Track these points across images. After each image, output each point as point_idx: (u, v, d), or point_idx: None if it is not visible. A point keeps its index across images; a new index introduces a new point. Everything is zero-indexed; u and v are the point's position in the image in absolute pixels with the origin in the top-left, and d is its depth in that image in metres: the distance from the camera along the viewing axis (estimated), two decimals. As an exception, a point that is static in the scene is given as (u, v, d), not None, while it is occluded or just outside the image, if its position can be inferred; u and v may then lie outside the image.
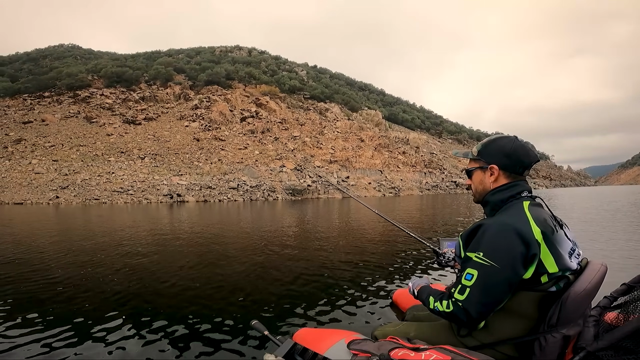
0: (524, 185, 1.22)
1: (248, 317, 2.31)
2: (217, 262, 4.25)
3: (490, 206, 1.26)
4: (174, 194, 26.71)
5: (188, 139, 39.92)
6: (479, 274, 1.06)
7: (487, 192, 1.27)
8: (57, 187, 27.12)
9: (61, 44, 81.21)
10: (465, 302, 1.07)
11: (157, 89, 53.87)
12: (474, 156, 1.32)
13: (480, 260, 1.06)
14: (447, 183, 51.78)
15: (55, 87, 51.25)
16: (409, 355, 1.08)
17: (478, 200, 1.34)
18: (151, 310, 2.51)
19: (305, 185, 34.30)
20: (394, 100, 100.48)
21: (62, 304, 2.71)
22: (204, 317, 2.35)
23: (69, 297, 2.89)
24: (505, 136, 1.27)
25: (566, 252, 1.09)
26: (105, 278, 3.45)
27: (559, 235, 1.10)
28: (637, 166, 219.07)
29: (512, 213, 1.13)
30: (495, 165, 1.24)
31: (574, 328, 1.04)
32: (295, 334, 1.64)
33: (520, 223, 1.06)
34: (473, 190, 1.37)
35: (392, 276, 3.35)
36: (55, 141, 36.07)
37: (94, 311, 2.51)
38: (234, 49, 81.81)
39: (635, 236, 5.78)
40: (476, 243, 1.11)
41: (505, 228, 1.06)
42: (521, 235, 1.03)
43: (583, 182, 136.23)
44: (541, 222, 1.08)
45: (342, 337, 1.43)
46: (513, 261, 1.02)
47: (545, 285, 1.05)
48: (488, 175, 1.26)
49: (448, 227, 8.14)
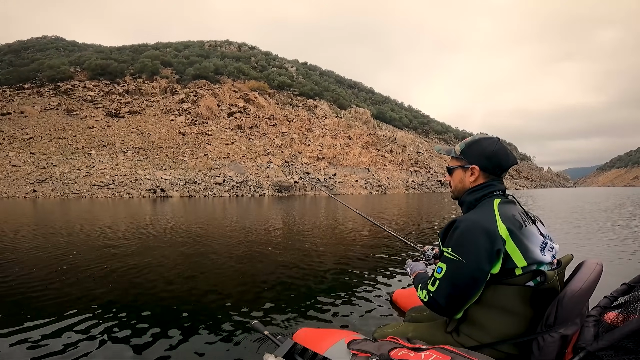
0: (498, 185, 1.27)
1: (248, 317, 2.31)
2: (213, 259, 4.15)
3: (465, 205, 1.31)
4: (157, 189, 26.29)
5: (173, 133, 39.26)
6: (447, 268, 1.13)
7: (465, 191, 1.31)
8: (35, 181, 26.29)
9: (44, 36, 78.58)
10: (435, 293, 1.15)
11: (143, 82, 52.70)
12: (457, 154, 1.34)
13: (449, 255, 1.13)
14: (432, 182, 52.63)
15: (36, 79, 49.59)
16: (408, 355, 1.09)
17: (456, 197, 1.38)
18: (147, 309, 2.48)
19: (293, 182, 34.28)
20: (383, 99, 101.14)
21: (38, 304, 2.58)
22: (203, 316, 2.34)
23: (46, 296, 2.74)
24: (488, 137, 1.30)
25: (537, 246, 1.13)
26: (97, 279, 3.25)
27: (527, 230, 1.15)
28: (614, 169, 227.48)
29: (481, 211, 1.18)
30: (476, 166, 1.27)
31: (572, 327, 1.05)
32: (295, 334, 1.65)
33: (487, 221, 1.11)
34: (452, 188, 1.39)
35: (391, 276, 3.35)
36: (34, 133, 34.92)
37: (85, 312, 2.41)
38: (223, 44, 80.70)
39: (610, 234, 6.06)
40: (449, 239, 1.17)
41: (472, 225, 1.11)
42: (487, 231, 1.08)
43: (562, 183, 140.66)
44: (508, 218, 1.13)
45: (342, 337, 1.43)
46: (477, 257, 1.07)
47: (519, 279, 1.09)
48: (468, 175, 1.29)
49: (437, 225, 8.32)
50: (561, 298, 1.05)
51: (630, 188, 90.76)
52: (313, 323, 2.23)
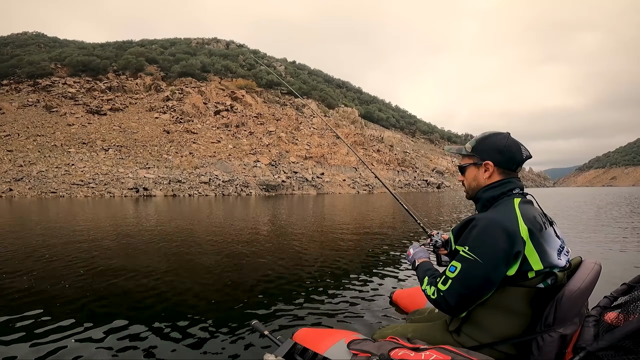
0: (516, 182, 1.22)
1: (248, 316, 2.30)
2: (211, 258, 4.10)
3: (481, 203, 1.26)
4: (140, 188, 25.75)
5: (157, 131, 38.51)
6: (462, 267, 1.09)
7: (480, 189, 1.26)
8: (11, 179, 25.36)
9: (25, 32, 75.78)
10: (446, 292, 1.11)
11: (126, 79, 51.52)
12: (468, 152, 1.29)
13: (465, 254, 1.09)
14: (418, 182, 53.38)
15: (15, 75, 47.86)
16: (408, 355, 1.08)
17: (471, 196, 1.32)
18: (146, 310, 2.46)
19: (280, 181, 34.15)
20: (371, 98, 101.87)
21: (20, 309, 2.49)
22: (203, 316, 2.33)
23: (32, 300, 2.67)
24: (499, 132, 1.27)
25: (554, 250, 1.10)
26: (90, 282, 3.15)
27: (547, 233, 1.11)
28: (593, 169, 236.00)
29: (501, 210, 1.13)
30: (490, 161, 1.22)
31: (571, 327, 1.05)
32: (295, 334, 1.64)
33: (509, 220, 1.07)
34: (466, 187, 1.33)
35: (391, 276, 3.34)
36: (11, 130, 33.66)
37: (86, 317, 2.35)
38: (211, 41, 79.68)
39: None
40: (465, 237, 1.13)
41: (492, 224, 1.07)
42: (507, 232, 1.04)
43: (542, 183, 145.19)
44: (530, 219, 1.09)
45: (342, 337, 1.43)
46: (495, 258, 1.03)
47: (532, 281, 1.07)
48: (482, 172, 1.24)
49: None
50: (559, 298, 1.04)
51: (607, 188, 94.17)
52: (313, 323, 2.22)
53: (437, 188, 53.20)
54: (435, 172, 63.54)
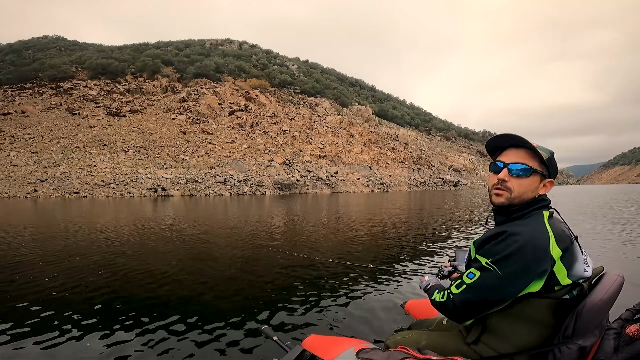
0: (545, 196, 1.20)
1: (257, 321, 2.34)
2: (221, 262, 4.21)
3: (509, 213, 1.15)
4: (158, 188, 26.22)
5: (174, 132, 39.18)
6: (480, 276, 1.07)
7: (526, 202, 1.14)
8: (36, 180, 26.29)
9: (45, 36, 78.71)
10: (457, 296, 1.11)
11: (144, 81, 52.67)
12: (545, 159, 1.14)
13: (487, 265, 1.06)
14: (435, 180, 52.34)
15: (37, 78, 49.68)
16: None
17: (509, 204, 1.15)
18: (157, 313, 2.51)
19: (294, 180, 34.12)
20: (385, 96, 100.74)
21: (48, 304, 2.67)
22: (212, 320, 2.36)
23: (54, 296, 2.84)
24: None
25: (581, 264, 1.09)
26: (105, 281, 3.35)
27: (574, 248, 1.10)
28: (618, 166, 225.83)
29: (532, 225, 1.08)
30: (554, 180, 1.18)
31: (590, 339, 1.03)
32: (305, 341, 1.63)
33: (540, 238, 1.04)
34: (511, 191, 1.14)
35: (404, 284, 3.28)
36: (35, 133, 34.93)
37: (98, 315, 2.48)
38: (224, 42, 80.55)
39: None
40: (490, 248, 1.08)
41: (524, 241, 1.02)
42: (538, 251, 1.01)
43: (566, 180, 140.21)
44: (560, 236, 1.06)
45: (352, 346, 1.42)
46: (517, 276, 1.02)
47: (558, 293, 1.06)
48: (541, 186, 1.16)
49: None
50: (580, 309, 1.02)
51: (635, 186, 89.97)
52: (323, 330, 2.24)
53: (454, 186, 52.05)
54: (452, 170, 62.11)
